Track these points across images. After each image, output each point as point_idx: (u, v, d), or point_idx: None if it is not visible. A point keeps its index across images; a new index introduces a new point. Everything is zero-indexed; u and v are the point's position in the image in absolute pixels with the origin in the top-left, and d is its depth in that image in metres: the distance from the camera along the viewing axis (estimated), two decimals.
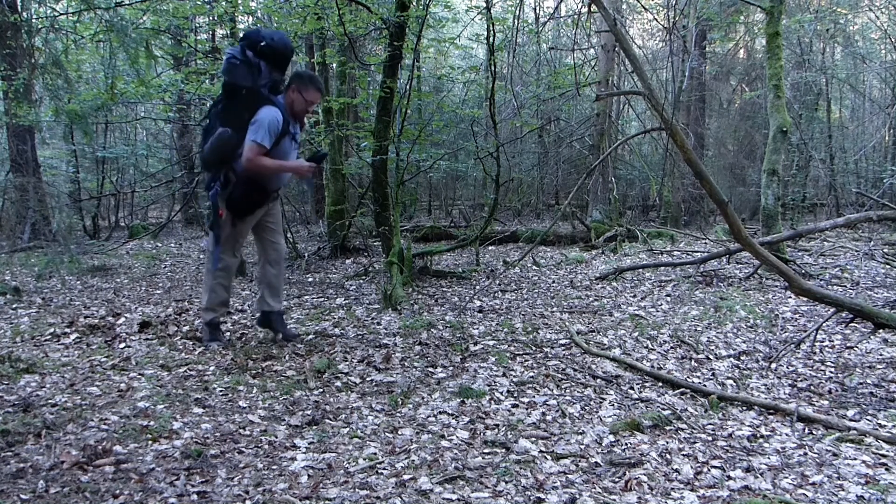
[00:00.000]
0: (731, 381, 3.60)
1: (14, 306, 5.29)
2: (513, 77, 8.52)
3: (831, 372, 3.73)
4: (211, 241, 4.00)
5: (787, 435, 2.83)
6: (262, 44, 3.71)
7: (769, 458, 2.58)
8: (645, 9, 10.63)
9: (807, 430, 2.88)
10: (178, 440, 2.67)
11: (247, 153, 3.69)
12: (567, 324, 4.72)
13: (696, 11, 9.52)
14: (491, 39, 6.28)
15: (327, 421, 2.94)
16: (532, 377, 3.53)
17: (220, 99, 3.90)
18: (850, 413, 3.10)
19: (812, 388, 3.49)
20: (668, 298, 5.62)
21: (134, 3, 7.48)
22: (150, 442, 2.64)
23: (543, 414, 3.03)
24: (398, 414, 3.03)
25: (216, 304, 4.03)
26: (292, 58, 4.00)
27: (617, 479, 2.38)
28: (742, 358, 4.00)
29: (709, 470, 2.45)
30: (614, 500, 2.23)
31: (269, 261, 4.16)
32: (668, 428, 2.87)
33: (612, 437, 2.75)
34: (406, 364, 3.74)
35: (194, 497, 2.23)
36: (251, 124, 3.72)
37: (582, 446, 2.68)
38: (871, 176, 13.12)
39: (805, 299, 4.93)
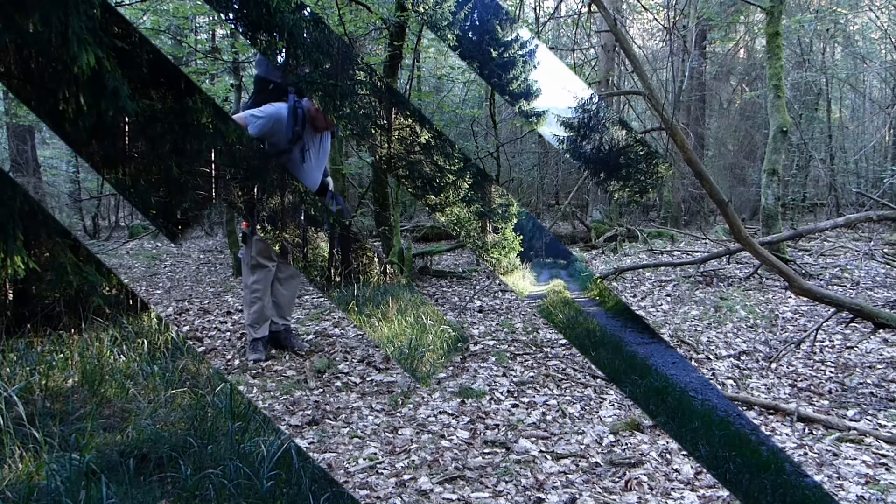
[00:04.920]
0: (731, 381, 3.60)
1: None
2: None
3: (831, 372, 3.73)
4: (244, 254, 3.89)
5: (787, 435, 2.83)
6: None
7: None
8: (645, 9, 10.62)
9: (807, 430, 2.88)
10: None
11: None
12: None
13: (696, 11, 9.52)
14: None
15: (327, 421, 2.94)
16: (532, 377, 3.53)
17: (251, 96, 3.82)
18: (850, 413, 3.10)
19: (812, 388, 3.49)
20: (668, 298, 5.62)
21: (134, 3, 7.48)
22: None
23: (543, 414, 3.03)
24: (398, 414, 3.03)
25: (255, 322, 3.82)
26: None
27: (617, 479, 2.38)
28: (742, 358, 4.00)
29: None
30: (614, 500, 2.23)
31: (279, 277, 3.96)
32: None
33: (612, 437, 2.75)
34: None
35: None
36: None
37: (582, 446, 2.67)
38: (871, 176, 13.12)
39: (805, 299, 4.93)
